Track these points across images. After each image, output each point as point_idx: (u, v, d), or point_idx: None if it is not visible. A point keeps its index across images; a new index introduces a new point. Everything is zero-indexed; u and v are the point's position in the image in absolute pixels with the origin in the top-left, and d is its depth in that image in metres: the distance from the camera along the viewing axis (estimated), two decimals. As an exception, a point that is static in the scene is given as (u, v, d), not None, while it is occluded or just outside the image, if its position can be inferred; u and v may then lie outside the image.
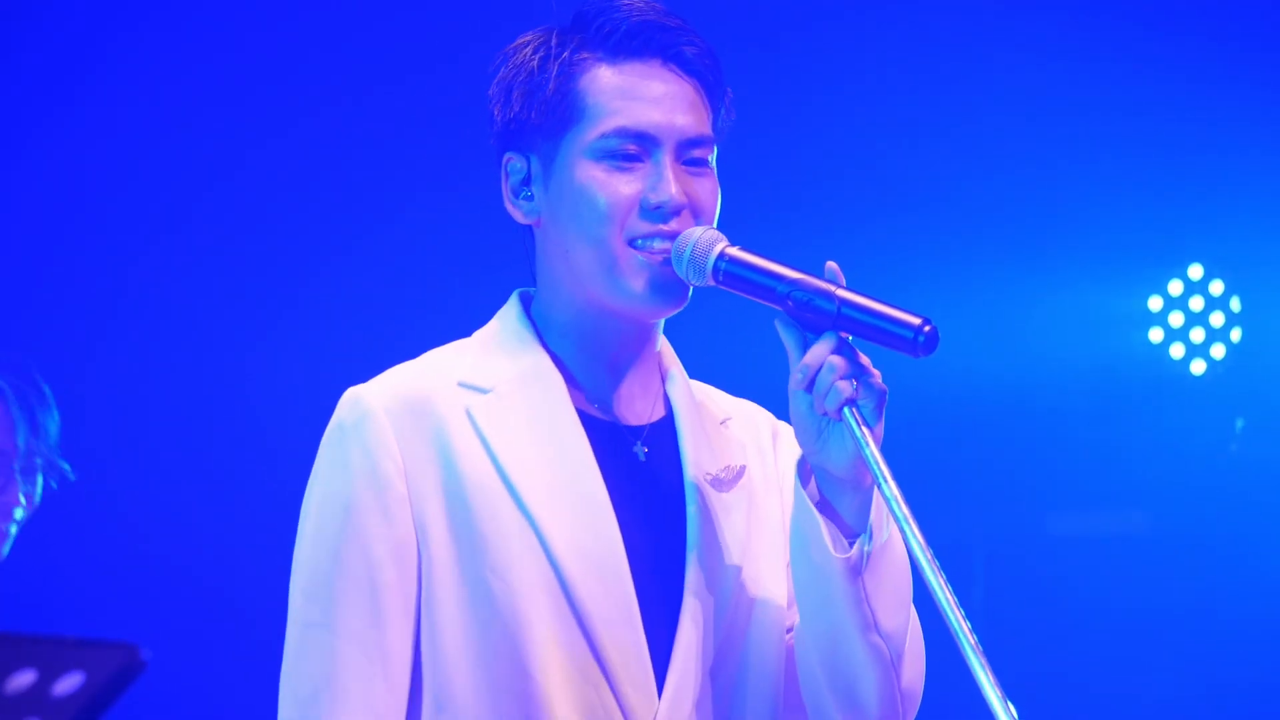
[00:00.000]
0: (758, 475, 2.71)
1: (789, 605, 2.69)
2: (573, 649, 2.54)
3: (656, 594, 2.59)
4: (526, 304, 2.69)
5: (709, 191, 2.61)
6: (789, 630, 2.69)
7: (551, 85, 2.58)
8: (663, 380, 2.71)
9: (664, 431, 2.68)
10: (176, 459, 5.54)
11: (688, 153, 2.60)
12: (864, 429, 2.46)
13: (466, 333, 2.76)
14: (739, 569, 2.63)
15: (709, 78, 2.64)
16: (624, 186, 2.57)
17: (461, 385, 2.60)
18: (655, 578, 2.59)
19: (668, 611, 2.59)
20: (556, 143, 2.59)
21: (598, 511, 2.57)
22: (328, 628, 2.53)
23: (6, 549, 3.90)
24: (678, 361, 2.75)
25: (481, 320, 2.76)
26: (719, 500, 2.64)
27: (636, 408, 2.67)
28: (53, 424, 3.95)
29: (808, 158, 5.97)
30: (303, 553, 2.58)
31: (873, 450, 2.46)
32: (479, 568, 2.54)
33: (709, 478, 2.65)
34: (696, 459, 2.65)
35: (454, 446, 2.56)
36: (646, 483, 2.64)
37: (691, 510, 2.62)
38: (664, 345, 2.74)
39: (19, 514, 3.87)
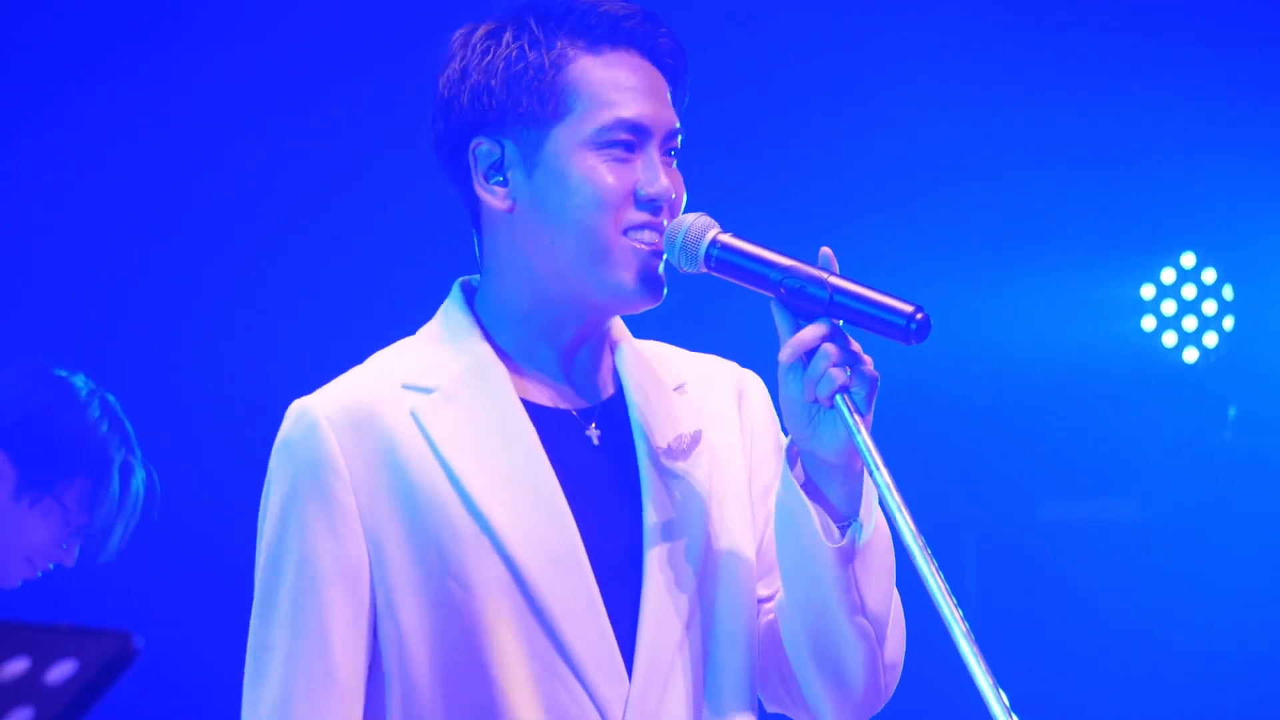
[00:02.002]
0: (716, 440, 2.69)
1: (769, 570, 2.69)
2: (537, 647, 2.53)
3: (618, 578, 2.58)
4: (470, 295, 2.67)
5: (681, 183, 2.63)
6: (769, 599, 2.70)
7: (540, 73, 2.57)
8: (612, 352, 2.70)
9: (615, 409, 2.66)
10: (172, 453, 5.55)
11: (669, 144, 2.62)
12: (855, 416, 2.46)
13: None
14: (703, 539, 2.62)
15: (679, 68, 2.65)
16: (622, 177, 2.56)
17: (405, 387, 2.58)
18: (616, 562, 2.58)
19: (631, 594, 2.58)
20: (544, 131, 2.57)
21: (551, 504, 2.56)
22: (276, 650, 2.53)
23: (19, 582, 4.00)
24: (626, 332, 2.72)
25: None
26: (675, 472, 2.63)
27: (587, 389, 2.65)
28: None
29: (802, 147, 5.97)
30: (257, 571, 2.58)
31: (864, 437, 2.46)
32: (437, 574, 2.53)
33: (662, 450, 2.63)
34: (648, 433, 2.63)
35: (401, 452, 2.54)
36: (601, 466, 2.62)
37: (646, 488, 2.61)
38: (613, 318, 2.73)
39: (52, 566, 3.99)
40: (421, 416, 2.56)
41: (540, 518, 2.55)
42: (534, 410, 2.61)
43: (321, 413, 2.55)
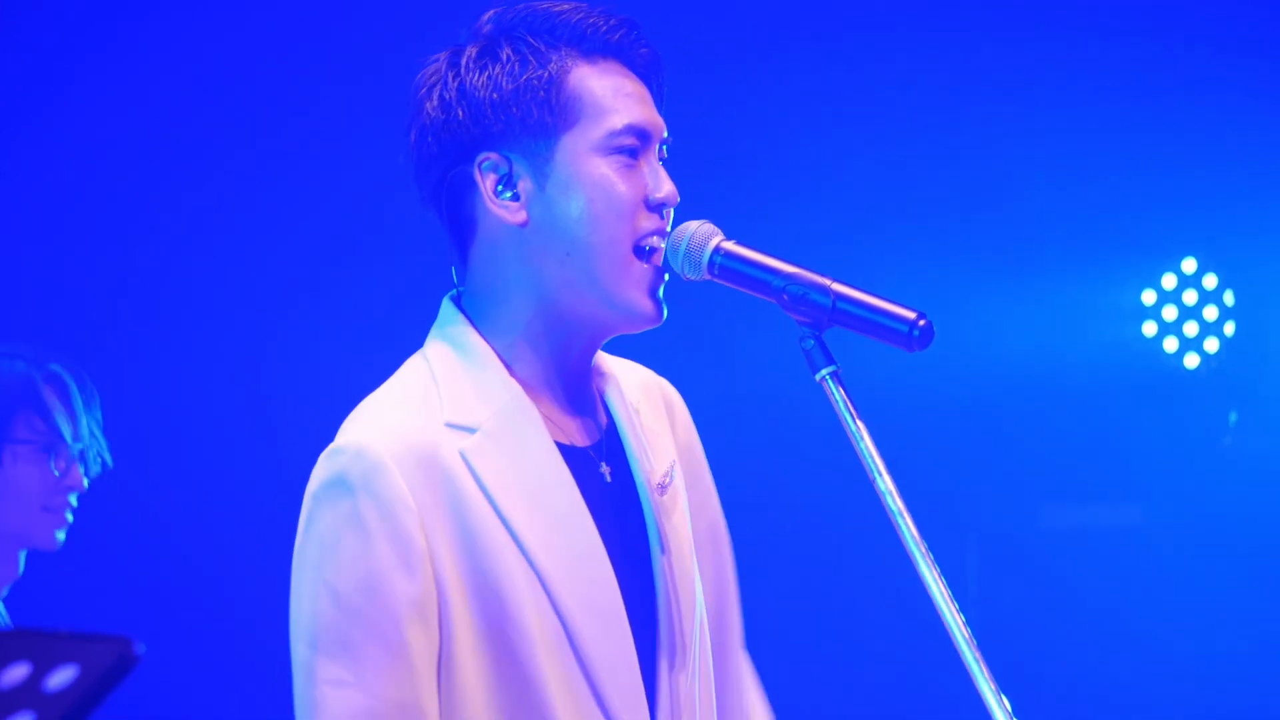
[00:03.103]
0: (676, 464, 2.71)
1: None
2: (581, 697, 2.53)
3: (638, 625, 2.59)
4: (468, 316, 2.63)
5: None
6: None
7: (548, 84, 2.57)
8: (595, 378, 2.69)
9: (613, 442, 2.66)
10: (173, 456, 5.55)
11: (662, 149, 2.62)
12: (851, 407, 2.47)
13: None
14: (689, 579, 2.65)
15: (658, 77, 2.65)
16: (632, 184, 2.57)
17: (449, 426, 2.53)
18: (635, 608, 2.59)
19: (648, 641, 2.60)
20: (553, 140, 2.56)
21: (593, 554, 2.55)
22: (358, 687, 2.46)
23: (63, 535, 3.97)
24: (605, 359, 2.72)
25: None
26: (666, 510, 2.64)
27: (590, 419, 2.65)
28: (98, 412, 4.04)
29: (806, 154, 5.97)
30: (313, 609, 2.48)
31: (867, 443, 2.47)
32: (496, 622, 2.50)
33: (655, 487, 2.65)
34: (644, 469, 2.65)
35: (459, 497, 2.50)
36: (615, 506, 2.62)
37: (651, 530, 2.63)
38: None
39: (74, 499, 3.96)
40: (471, 460, 2.51)
41: (585, 568, 2.54)
42: (562, 450, 2.59)
43: (385, 450, 2.48)
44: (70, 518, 3.97)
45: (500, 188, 2.58)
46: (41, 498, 3.94)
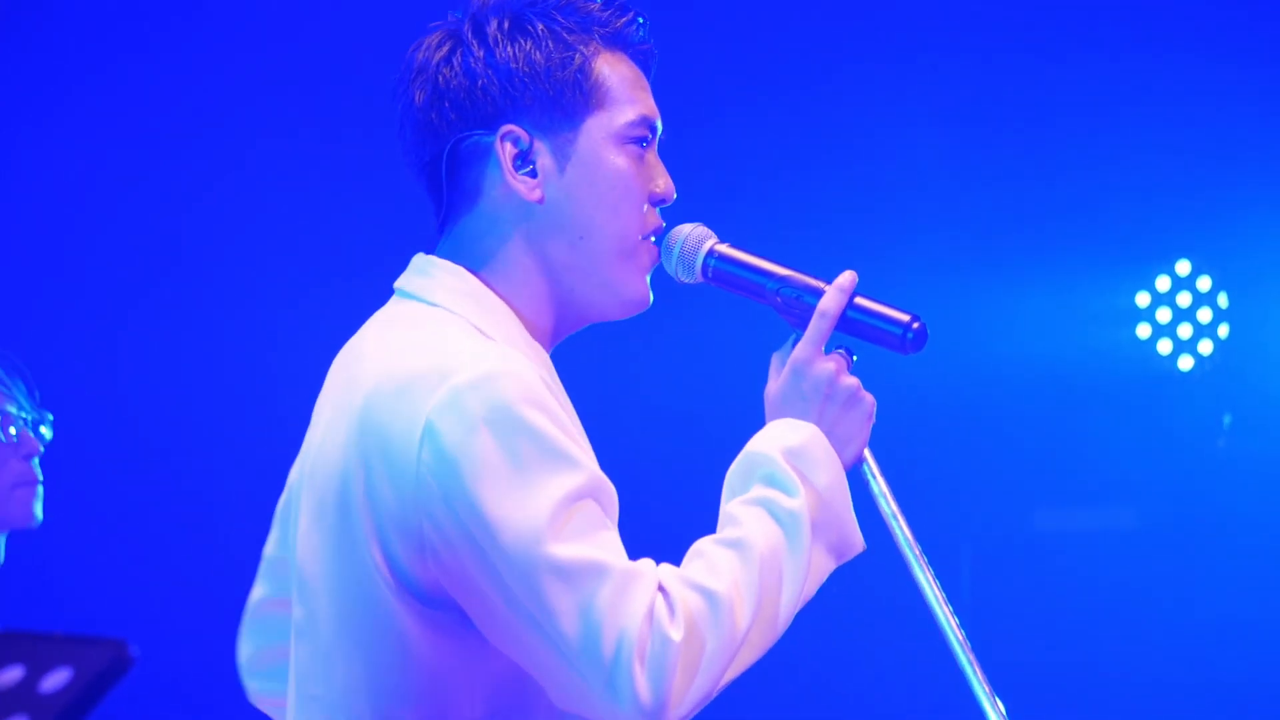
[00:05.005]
0: None
1: None
2: None
3: None
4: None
5: None
6: None
7: (583, 64, 2.55)
8: None
9: None
10: (171, 457, 5.55)
11: None
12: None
13: None
14: None
15: (652, 74, 2.65)
16: (645, 176, 2.57)
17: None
18: None
19: None
20: (578, 123, 2.55)
21: None
22: (625, 563, 2.35)
23: (39, 508, 3.92)
24: None
25: None
26: None
27: None
28: (23, 384, 4.02)
29: (804, 155, 5.98)
30: (550, 507, 2.34)
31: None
32: None
33: None
34: None
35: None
36: None
37: None
38: None
39: (37, 466, 3.91)
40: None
41: None
42: None
43: (524, 368, 2.41)
44: (39, 488, 3.92)
45: (519, 162, 2.56)
46: (10, 477, 3.89)
